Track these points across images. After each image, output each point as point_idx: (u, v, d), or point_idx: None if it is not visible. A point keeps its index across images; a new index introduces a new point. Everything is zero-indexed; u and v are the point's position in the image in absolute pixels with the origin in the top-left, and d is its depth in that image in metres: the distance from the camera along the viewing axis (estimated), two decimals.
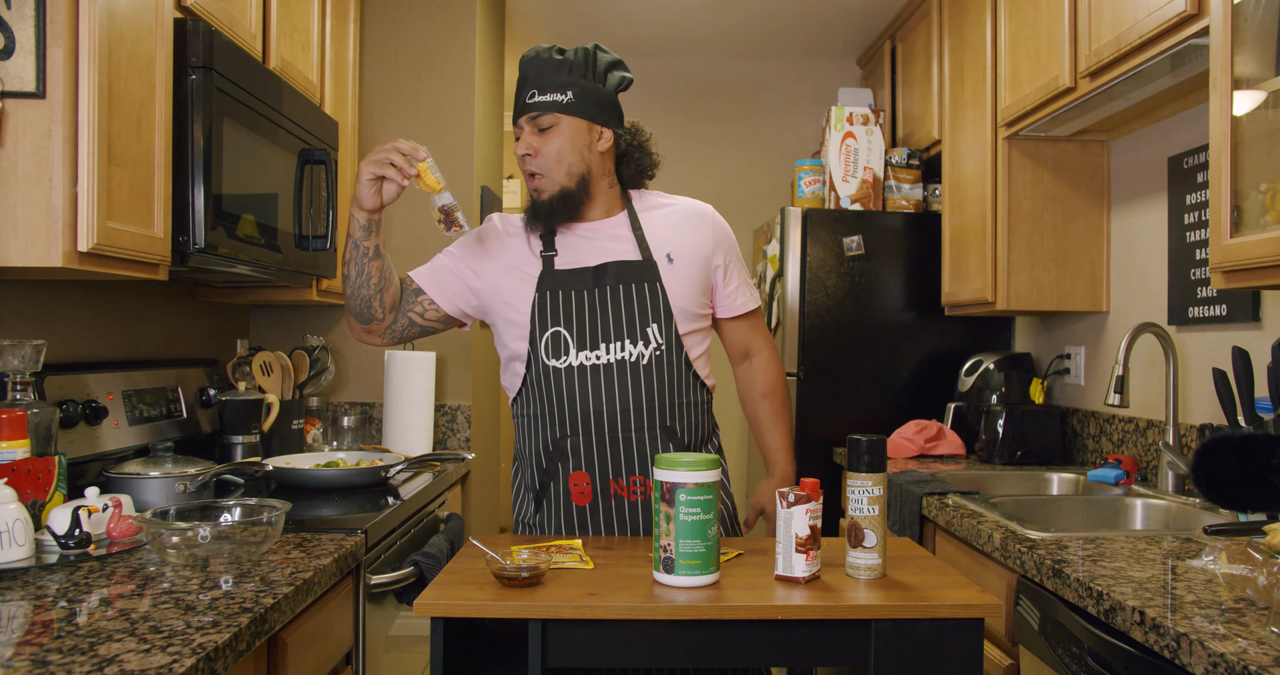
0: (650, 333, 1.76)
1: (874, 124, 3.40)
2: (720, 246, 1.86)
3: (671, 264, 1.79)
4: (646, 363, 1.75)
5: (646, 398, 1.75)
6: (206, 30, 1.80)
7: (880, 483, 1.47)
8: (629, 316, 1.76)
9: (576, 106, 1.74)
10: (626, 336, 1.75)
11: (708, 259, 1.84)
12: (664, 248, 1.81)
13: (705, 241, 1.84)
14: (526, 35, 4.22)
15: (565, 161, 1.75)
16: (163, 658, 1.03)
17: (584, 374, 1.75)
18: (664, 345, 1.76)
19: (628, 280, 1.77)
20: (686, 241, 1.82)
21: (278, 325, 3.04)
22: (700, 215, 1.88)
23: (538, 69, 1.75)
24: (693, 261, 1.82)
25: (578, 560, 1.56)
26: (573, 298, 1.76)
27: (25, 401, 1.61)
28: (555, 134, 1.74)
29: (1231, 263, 1.61)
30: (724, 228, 1.90)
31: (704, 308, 1.84)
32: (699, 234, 1.84)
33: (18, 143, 1.45)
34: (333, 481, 2.17)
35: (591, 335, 1.75)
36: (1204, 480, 1.64)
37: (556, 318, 1.76)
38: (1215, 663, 1.08)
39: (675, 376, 1.77)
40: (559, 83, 1.74)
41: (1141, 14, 1.90)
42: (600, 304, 1.76)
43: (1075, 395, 2.90)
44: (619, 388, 1.75)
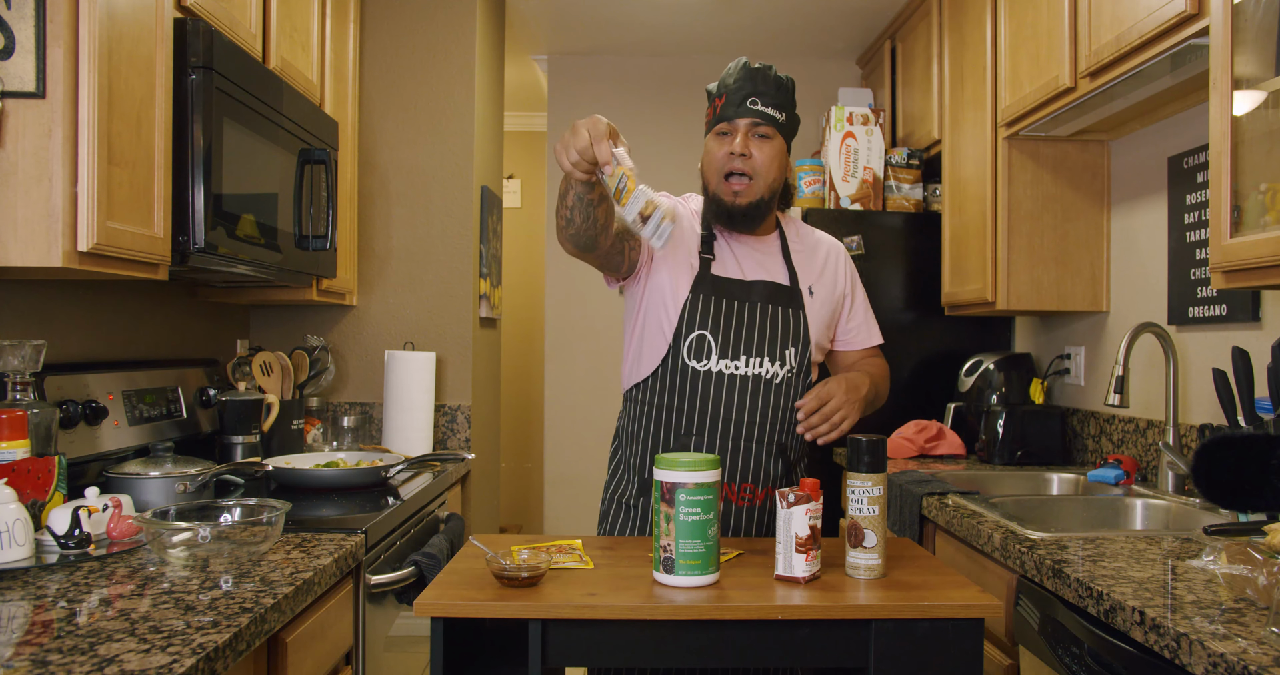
0: (788, 355, 1.83)
1: (874, 124, 3.40)
2: (853, 287, 1.98)
3: (812, 297, 1.89)
4: (779, 382, 1.82)
5: (771, 413, 1.82)
6: (206, 30, 1.80)
7: (880, 483, 1.47)
8: (773, 336, 1.83)
9: (786, 129, 1.83)
10: (767, 354, 1.82)
11: (840, 299, 1.95)
12: (807, 280, 1.90)
13: (841, 282, 1.95)
14: (526, 35, 4.22)
15: (772, 174, 1.81)
16: (163, 658, 1.03)
17: (720, 381, 1.80)
18: (795, 368, 1.83)
19: (777, 301, 1.84)
20: (825, 278, 1.92)
21: (278, 325, 3.04)
22: (838, 255, 1.98)
23: (760, 80, 1.79)
24: (828, 299, 1.92)
25: (578, 560, 1.56)
26: (724, 306, 1.82)
27: (25, 401, 1.61)
28: (769, 145, 1.80)
29: (1231, 263, 1.61)
30: (854, 270, 2.00)
31: (828, 341, 1.95)
32: (835, 274, 1.94)
33: (18, 143, 1.45)
34: (333, 481, 2.17)
35: (735, 345, 1.81)
36: (1204, 480, 1.64)
37: (705, 321, 1.81)
38: (1215, 663, 1.08)
39: (794, 398, 1.84)
40: (779, 101, 1.80)
41: (1141, 14, 1.90)
42: (749, 318, 1.82)
43: (1075, 395, 2.90)
44: (750, 400, 1.81)
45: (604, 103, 4.51)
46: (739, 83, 1.81)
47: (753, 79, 1.80)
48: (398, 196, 3.12)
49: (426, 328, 3.11)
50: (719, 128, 1.82)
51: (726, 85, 1.82)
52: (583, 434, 4.48)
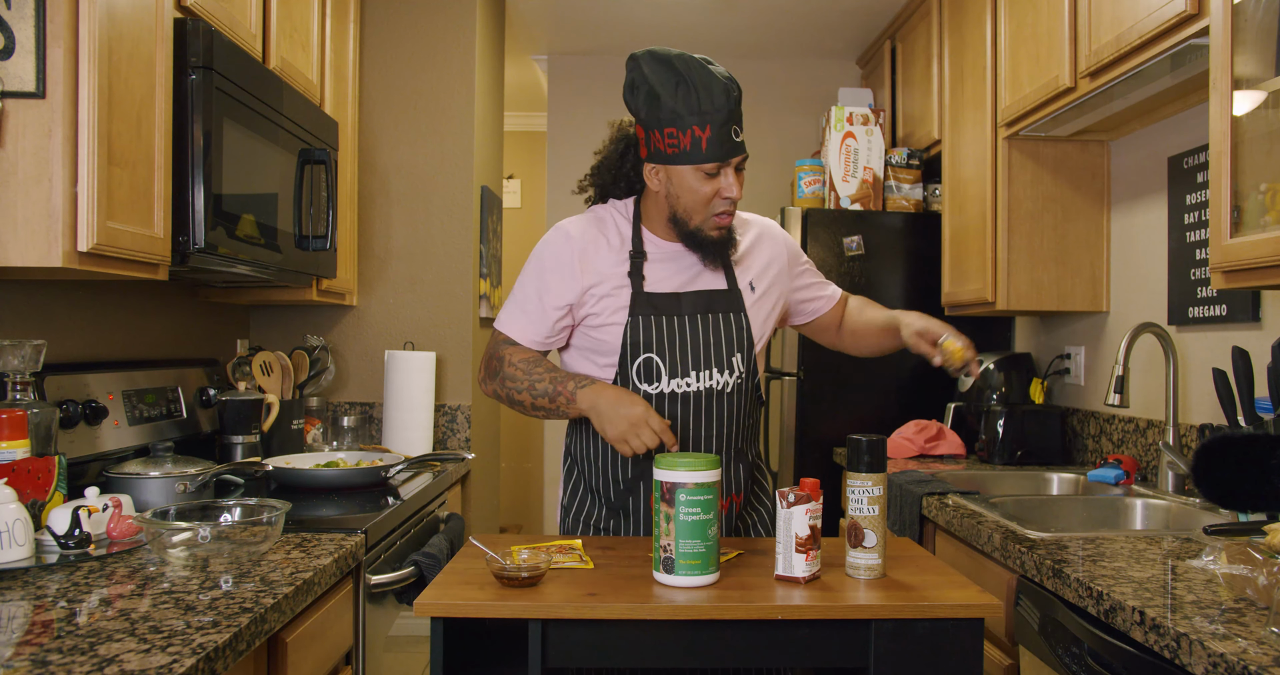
0: (734, 362, 1.77)
1: (874, 124, 3.39)
2: (793, 264, 1.90)
3: (753, 293, 1.81)
4: (730, 390, 1.77)
5: (728, 423, 1.78)
6: (206, 30, 1.80)
7: (880, 483, 1.47)
8: (717, 346, 1.76)
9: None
10: (714, 365, 1.76)
11: (785, 281, 1.88)
12: (746, 275, 1.82)
13: (781, 267, 1.87)
14: (526, 35, 4.22)
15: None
16: (163, 658, 1.03)
17: (674, 401, 1.75)
18: (744, 372, 1.78)
19: (715, 309, 1.77)
20: (766, 269, 1.84)
21: (278, 325, 3.04)
22: (770, 235, 1.88)
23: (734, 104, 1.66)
24: (771, 290, 1.85)
25: (578, 560, 1.56)
26: (664, 323, 1.75)
27: (25, 401, 1.61)
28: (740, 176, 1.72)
29: (1231, 263, 1.61)
30: (791, 242, 1.92)
31: (773, 327, 1.89)
32: (775, 259, 1.86)
33: (18, 143, 1.45)
34: (333, 481, 2.17)
35: (682, 363, 1.75)
36: (1204, 480, 1.64)
37: (650, 344, 1.74)
38: (1215, 663, 1.08)
39: (746, 401, 1.81)
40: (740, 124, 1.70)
41: (1141, 14, 1.90)
42: (690, 332, 1.76)
43: (1075, 395, 2.90)
44: (705, 415, 1.77)
45: (604, 103, 4.51)
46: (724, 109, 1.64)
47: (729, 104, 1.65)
48: (398, 196, 3.12)
49: (426, 328, 3.11)
50: (706, 168, 1.67)
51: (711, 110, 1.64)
52: None
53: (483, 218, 3.27)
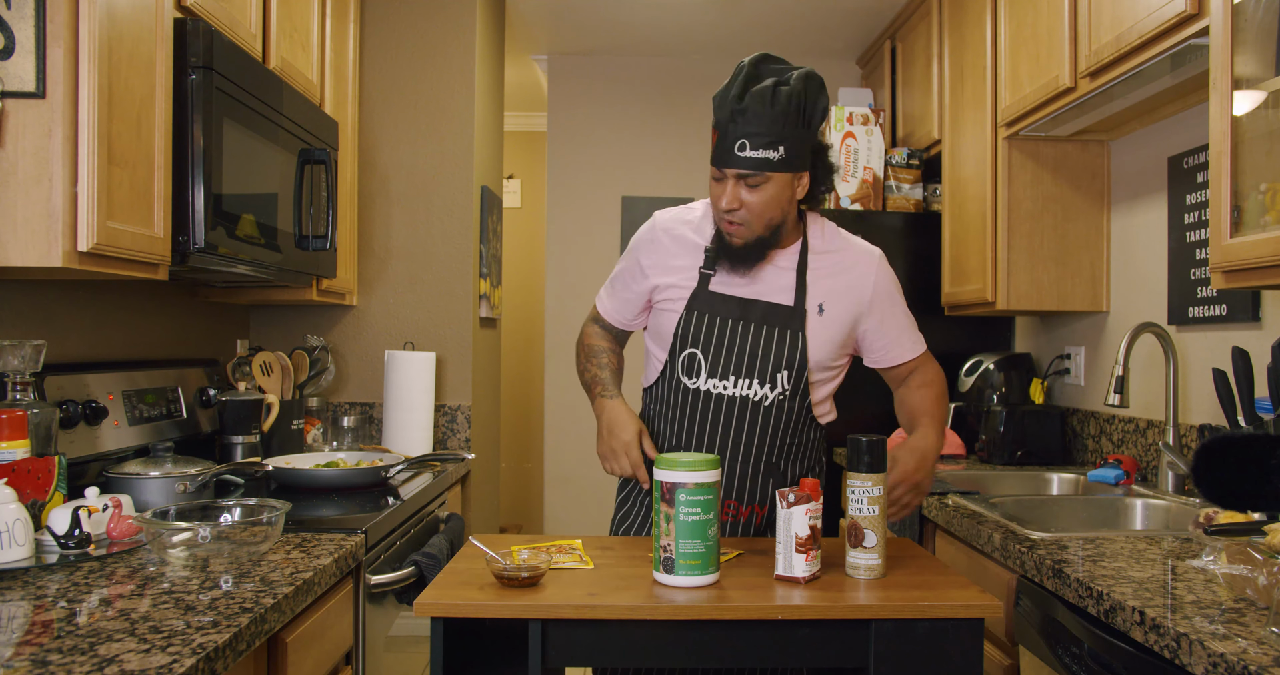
0: (780, 378, 1.77)
1: (874, 124, 3.39)
2: (877, 304, 1.82)
3: (821, 316, 1.78)
4: (768, 404, 1.78)
5: (760, 435, 1.79)
6: (206, 30, 1.80)
7: (880, 483, 1.47)
8: (764, 358, 1.77)
9: (787, 162, 1.67)
10: (757, 376, 1.77)
11: (859, 317, 1.82)
12: (818, 297, 1.78)
13: (861, 300, 1.81)
14: (526, 35, 4.22)
15: (766, 215, 1.71)
16: (163, 658, 1.03)
17: (708, 400, 1.79)
18: (788, 391, 1.78)
19: (773, 323, 1.77)
20: (842, 296, 1.80)
21: (278, 325, 3.04)
22: (864, 269, 1.82)
23: (752, 119, 1.64)
24: (842, 318, 1.80)
25: (578, 560, 1.56)
26: (716, 324, 1.78)
27: (25, 401, 1.61)
28: (764, 190, 1.69)
29: (1231, 263, 1.61)
30: (886, 282, 1.84)
31: (840, 358, 1.84)
32: (857, 291, 1.81)
33: (18, 143, 1.45)
34: (333, 481, 2.17)
35: (724, 366, 1.78)
36: (1204, 480, 1.64)
37: (697, 340, 1.78)
38: (1215, 663, 1.08)
39: (792, 419, 1.81)
40: (772, 137, 1.65)
41: (1141, 14, 1.90)
42: (741, 338, 1.77)
43: (1075, 395, 2.90)
44: (736, 421, 1.79)
45: (604, 103, 4.51)
46: (725, 121, 1.66)
47: (742, 117, 1.64)
48: (398, 196, 3.12)
49: (426, 328, 3.11)
50: (713, 172, 1.72)
51: (719, 117, 1.68)
52: (583, 434, 4.48)
53: (483, 218, 3.28)
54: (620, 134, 4.52)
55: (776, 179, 1.68)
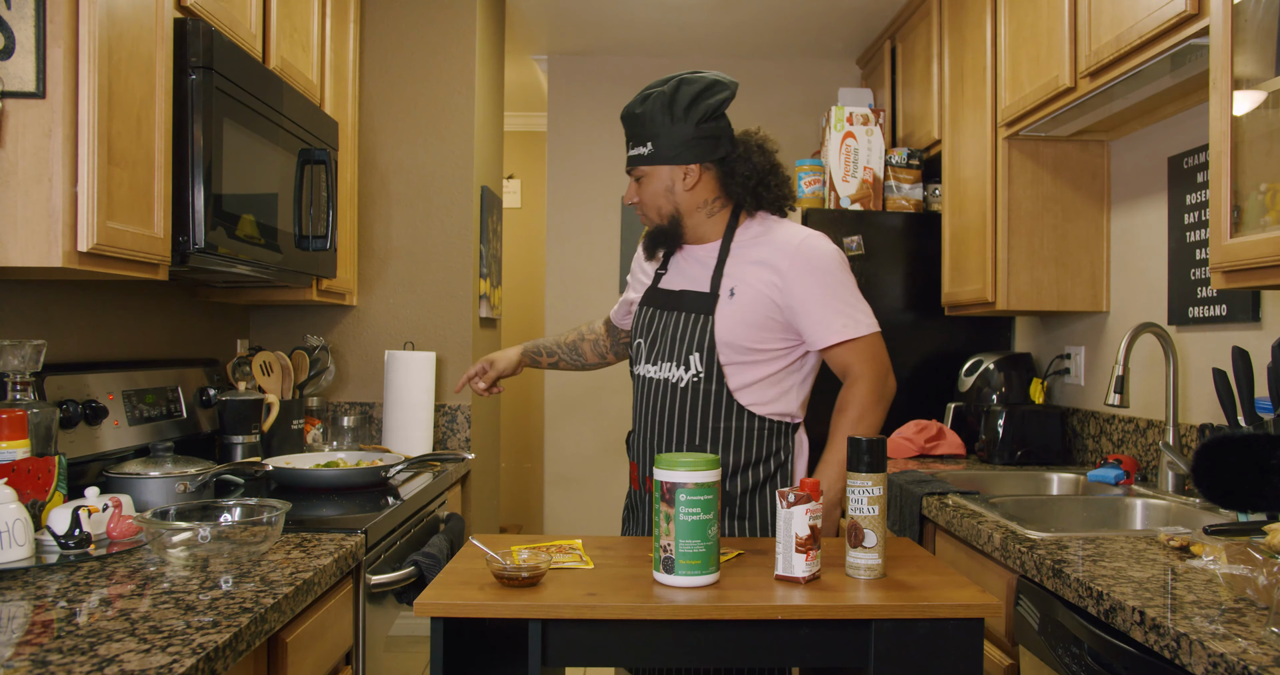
0: (692, 360, 1.89)
1: (874, 124, 3.39)
2: (794, 282, 1.84)
3: (732, 298, 1.87)
4: (684, 386, 1.90)
5: (679, 417, 1.91)
6: (206, 30, 1.80)
7: (880, 483, 1.47)
8: (680, 341, 1.91)
9: (657, 155, 1.89)
10: (673, 359, 1.92)
11: (773, 298, 1.85)
12: (732, 281, 1.88)
13: (773, 281, 1.85)
14: (526, 35, 4.22)
15: (655, 205, 1.93)
16: (163, 658, 1.03)
17: (643, 384, 1.99)
18: (702, 373, 1.88)
19: (688, 309, 1.92)
20: (755, 279, 1.87)
21: (278, 325, 3.04)
22: (782, 252, 1.87)
23: (628, 124, 1.93)
24: (755, 299, 1.86)
25: (578, 560, 1.56)
26: (654, 315, 1.98)
27: (25, 401, 1.61)
28: (645, 183, 1.93)
29: (1231, 263, 1.61)
30: (805, 264, 1.85)
31: (761, 342, 1.87)
32: (770, 272, 1.86)
33: (18, 143, 1.45)
34: (333, 481, 2.17)
35: (652, 352, 1.96)
36: (1204, 480, 1.64)
37: (642, 330, 2.00)
38: (1215, 663, 1.08)
39: (712, 403, 1.89)
40: (641, 136, 1.91)
41: (1141, 14, 1.90)
42: (666, 326, 1.94)
43: (1075, 395, 2.90)
44: (660, 403, 1.94)
45: (604, 103, 4.51)
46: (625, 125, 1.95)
47: (624, 126, 1.95)
48: (398, 196, 3.12)
49: (426, 328, 3.11)
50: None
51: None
52: (583, 434, 4.48)
53: (483, 218, 3.28)
54: (620, 134, 4.52)
55: (652, 172, 1.91)
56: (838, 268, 1.89)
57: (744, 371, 1.88)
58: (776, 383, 1.91)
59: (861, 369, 1.90)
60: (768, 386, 1.90)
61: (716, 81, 1.90)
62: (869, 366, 1.90)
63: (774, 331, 1.87)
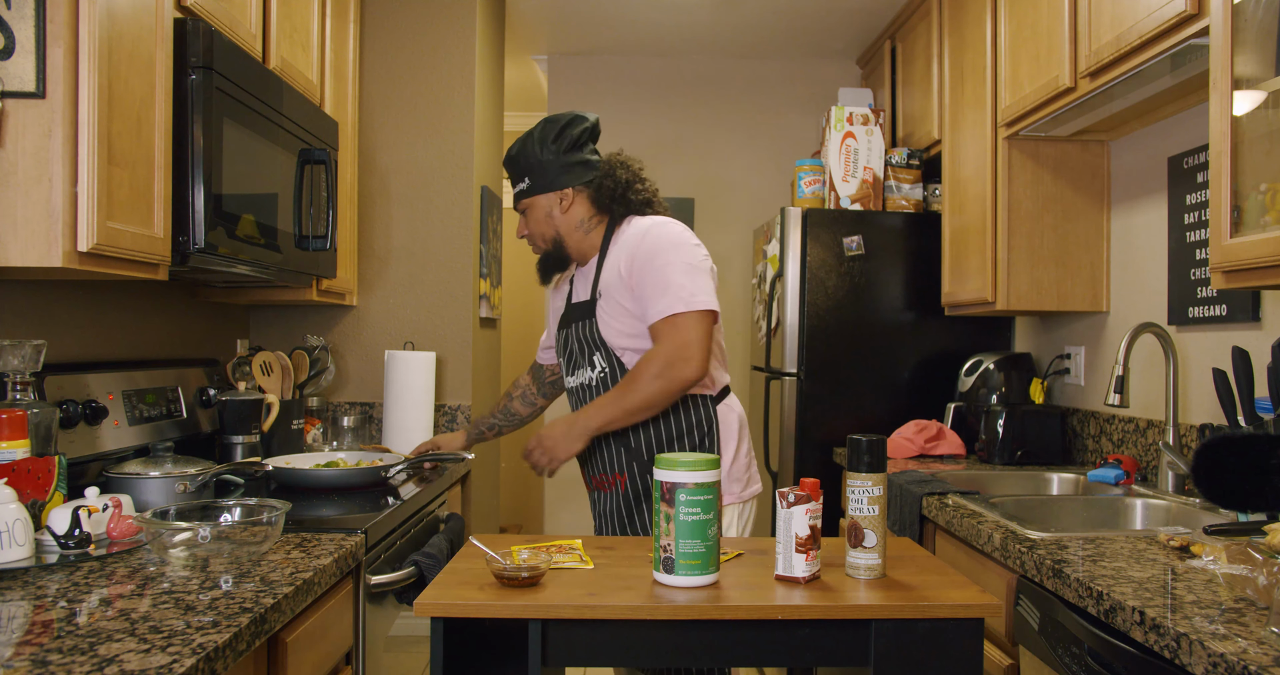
0: (596, 360, 2.08)
1: (874, 124, 3.39)
2: (634, 266, 1.98)
3: (602, 298, 2.06)
4: (595, 384, 2.09)
5: None
6: (206, 30, 1.80)
7: (880, 483, 1.47)
8: (581, 348, 2.11)
9: (535, 187, 2.10)
10: (584, 365, 2.11)
11: (624, 282, 2.00)
12: (602, 284, 2.07)
13: (622, 268, 2.01)
14: (526, 35, 4.22)
15: (539, 232, 2.14)
16: (163, 658, 1.03)
17: (571, 393, 2.18)
18: (607, 369, 2.07)
19: (578, 318, 2.11)
20: (612, 273, 2.03)
21: (278, 325, 3.04)
22: (629, 243, 2.02)
23: (508, 168, 2.15)
24: (615, 291, 2.02)
25: (578, 560, 1.56)
26: (565, 335, 2.16)
27: (25, 401, 1.61)
28: (529, 214, 2.14)
29: (1231, 263, 1.61)
30: (648, 245, 1.98)
31: (636, 326, 2.01)
32: (621, 262, 2.01)
33: (18, 143, 1.45)
34: (333, 481, 2.17)
35: (569, 365, 2.16)
36: (1204, 480, 1.64)
37: (560, 350, 2.19)
38: (1215, 663, 1.08)
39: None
40: (519, 173, 2.12)
41: (1141, 14, 1.90)
42: (571, 338, 2.14)
43: (1075, 395, 2.90)
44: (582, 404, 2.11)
45: (604, 103, 4.51)
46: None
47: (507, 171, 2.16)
48: (398, 196, 3.12)
49: (426, 328, 3.11)
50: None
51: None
52: None
53: (483, 218, 3.28)
54: (620, 134, 4.52)
55: (533, 203, 2.11)
56: (668, 247, 1.97)
57: (637, 357, 2.02)
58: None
59: (663, 339, 1.94)
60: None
61: (577, 116, 2.10)
62: (665, 343, 1.93)
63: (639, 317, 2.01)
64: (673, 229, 2.02)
